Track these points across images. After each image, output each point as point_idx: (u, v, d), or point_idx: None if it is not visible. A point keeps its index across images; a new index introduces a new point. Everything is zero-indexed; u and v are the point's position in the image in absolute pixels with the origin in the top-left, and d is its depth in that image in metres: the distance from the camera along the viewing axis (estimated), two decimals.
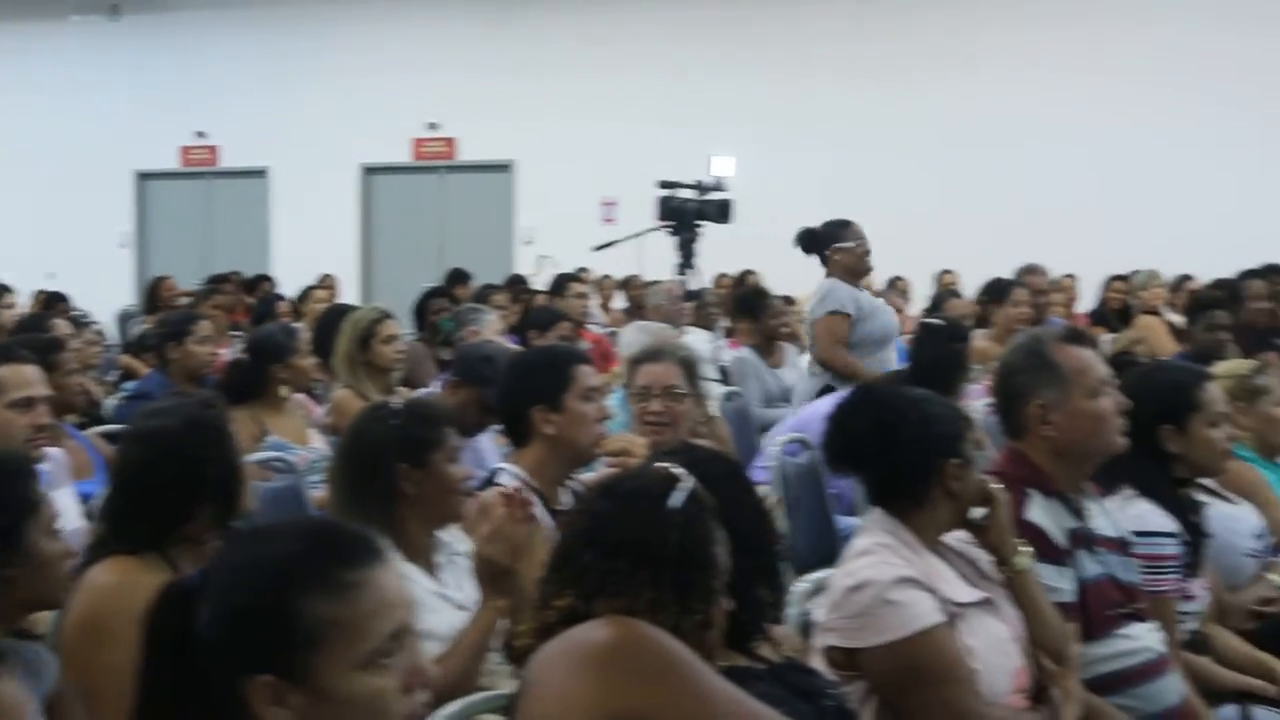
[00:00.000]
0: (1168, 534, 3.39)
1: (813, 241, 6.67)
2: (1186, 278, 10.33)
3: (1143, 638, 3.11)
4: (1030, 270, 9.41)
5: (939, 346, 5.19)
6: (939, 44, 13.63)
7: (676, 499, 2.22)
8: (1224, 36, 12.66)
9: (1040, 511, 3.05)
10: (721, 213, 7.16)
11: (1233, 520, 3.94)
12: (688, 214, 7.14)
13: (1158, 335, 8.88)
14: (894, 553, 2.70)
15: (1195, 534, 3.51)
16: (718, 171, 7.68)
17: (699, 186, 7.23)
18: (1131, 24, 12.98)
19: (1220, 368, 4.50)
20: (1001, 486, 2.89)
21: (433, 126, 15.58)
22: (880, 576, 2.63)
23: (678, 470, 2.29)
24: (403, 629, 1.79)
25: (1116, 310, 10.21)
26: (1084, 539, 3.09)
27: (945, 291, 9.92)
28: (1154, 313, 9.81)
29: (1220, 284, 8.37)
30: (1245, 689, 3.48)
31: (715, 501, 2.29)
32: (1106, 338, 8.80)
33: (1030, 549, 2.90)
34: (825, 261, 6.61)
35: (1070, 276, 10.85)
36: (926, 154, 13.45)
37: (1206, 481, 3.89)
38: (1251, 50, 12.56)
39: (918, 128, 13.49)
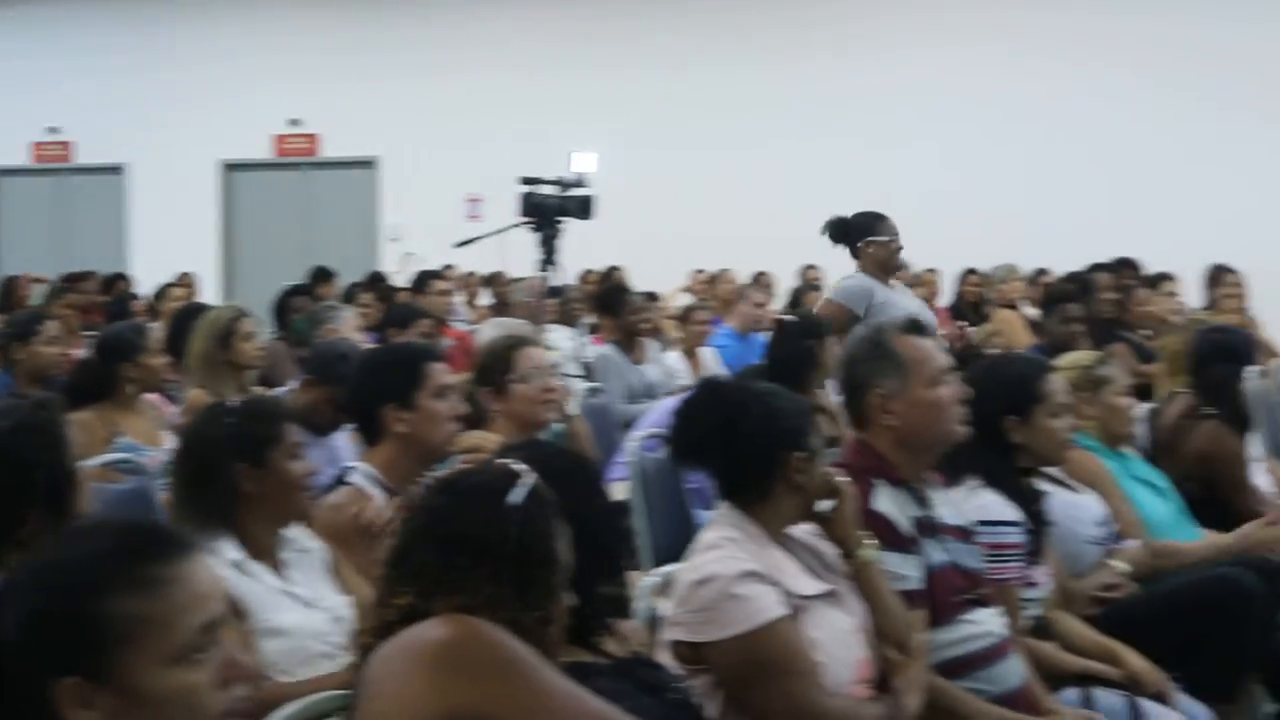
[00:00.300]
0: (1011, 523, 3.45)
1: (844, 232, 6.44)
2: (1043, 272, 10.54)
3: (986, 622, 3.17)
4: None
5: (792, 343, 5.24)
6: (802, 36, 13.75)
7: (517, 495, 2.21)
8: (1082, 26, 12.91)
9: (886, 501, 3.09)
10: (583, 209, 7.14)
11: (1076, 508, 4.04)
12: (549, 210, 7.12)
13: (1014, 328, 9.06)
14: (739, 547, 2.72)
15: (1038, 522, 3.58)
16: (579, 167, 7.69)
17: (560, 183, 7.21)
18: (1001, 12, 13.19)
19: (1064, 359, 4.60)
20: (848, 479, 2.92)
21: (294, 123, 15.40)
22: (725, 571, 2.65)
23: (518, 466, 2.28)
24: (214, 622, 1.76)
25: (972, 304, 10.39)
26: (929, 527, 3.14)
27: (805, 286, 10.01)
28: (1011, 306, 10.02)
29: (1072, 277, 8.56)
30: (1088, 672, 3.55)
31: (558, 497, 2.29)
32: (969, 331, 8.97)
33: (875, 541, 2.93)
34: (855, 254, 6.41)
35: (931, 271, 11.02)
36: (789, 148, 13.55)
37: (1052, 471, 3.98)
38: (1102, 41, 12.81)
39: (781, 121, 13.59)
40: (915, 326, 3.31)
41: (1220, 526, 4.62)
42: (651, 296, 9.74)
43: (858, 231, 6.39)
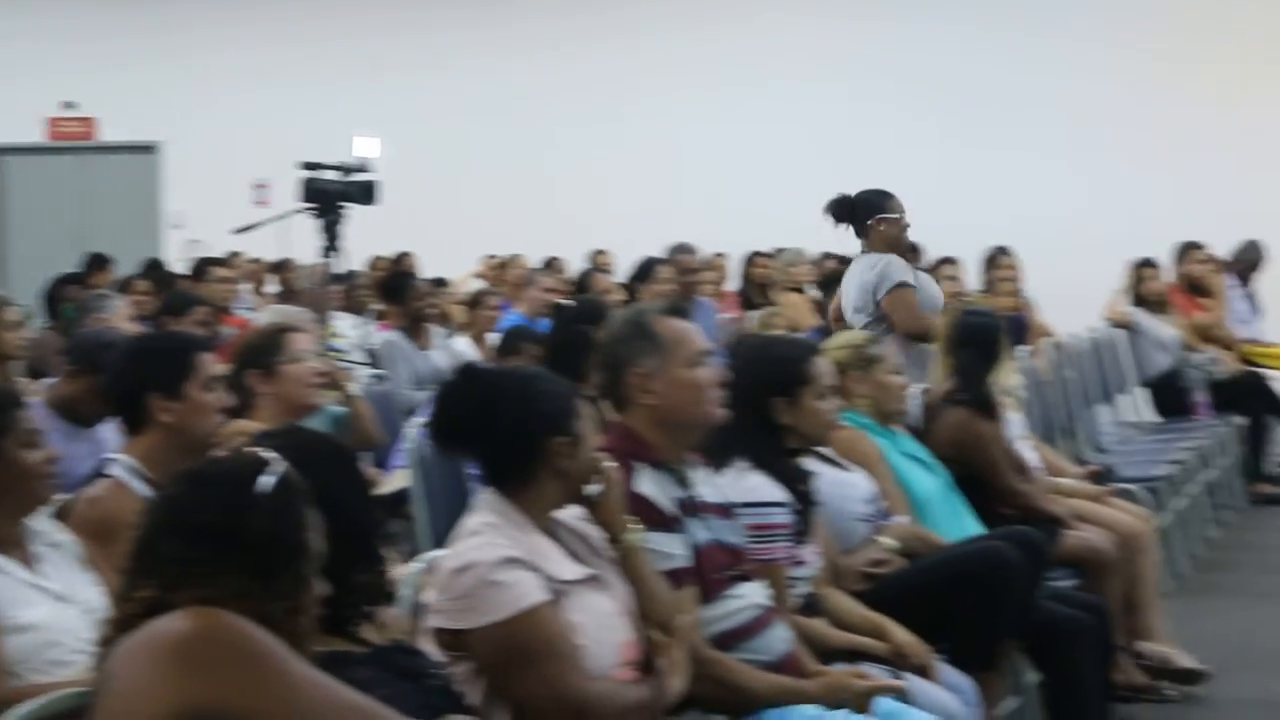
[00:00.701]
0: (777, 503, 3.51)
1: (850, 211, 6.24)
2: (830, 255, 10.71)
3: (750, 595, 3.24)
4: (679, 249, 9.64)
5: (568, 328, 5.25)
6: (583, 22, 13.73)
7: (264, 483, 2.16)
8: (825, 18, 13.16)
9: (648, 483, 3.12)
10: (366, 194, 7.04)
11: (846, 487, 4.13)
12: (331, 196, 7.00)
13: (800, 311, 9.21)
14: (500, 532, 2.71)
15: (806, 502, 3.65)
16: (361, 152, 7.56)
17: (342, 168, 7.10)
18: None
19: (835, 339, 4.71)
20: (614, 464, 2.93)
21: (69, 105, 14.89)
22: (484, 558, 2.64)
23: (267, 454, 2.23)
24: None
25: (759, 287, 10.52)
26: (692, 507, 3.17)
27: (594, 270, 10.04)
28: (799, 290, 10.18)
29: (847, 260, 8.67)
30: (856, 648, 3.63)
31: (312, 484, 2.25)
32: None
33: (641, 525, 2.95)
34: (861, 233, 6.24)
35: (721, 255, 11.13)
36: (577, 134, 13.56)
37: (822, 450, 4.06)
38: (850, 26, 13.04)
39: (567, 107, 13.60)
40: (675, 309, 3.35)
41: (988, 501, 4.79)
42: (439, 282, 9.69)
43: (865, 209, 6.22)
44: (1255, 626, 6.19)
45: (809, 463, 3.85)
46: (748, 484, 3.51)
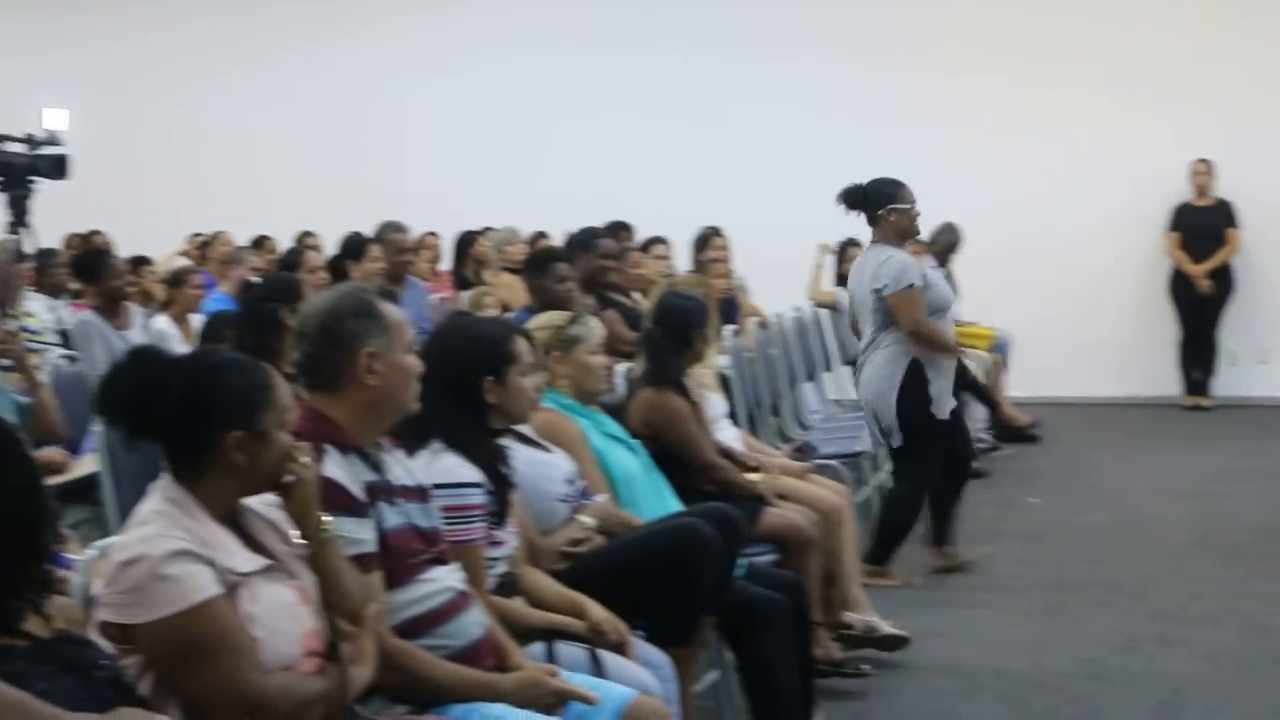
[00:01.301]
0: (473, 484, 3.48)
1: (863, 200, 6.46)
2: (542, 234, 10.71)
3: (444, 579, 3.19)
4: (391, 228, 9.48)
5: (256, 306, 5.11)
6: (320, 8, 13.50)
7: None
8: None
9: (337, 467, 3.04)
10: (57, 168, 6.78)
11: (546, 467, 4.12)
12: (18, 169, 6.71)
13: (513, 291, 9.17)
14: (172, 522, 2.60)
15: (502, 482, 3.63)
16: (50, 125, 7.26)
17: (30, 140, 6.80)
18: None
19: (537, 319, 4.69)
20: (308, 461, 2.82)
21: None
22: (153, 551, 2.53)
23: None
24: None
25: (475, 267, 10.45)
26: (383, 490, 3.11)
27: (300, 248, 9.82)
28: (515, 270, 10.14)
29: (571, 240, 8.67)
30: (553, 626, 3.63)
31: None
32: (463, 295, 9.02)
33: (331, 520, 2.87)
34: (873, 221, 6.44)
35: (433, 235, 11.02)
36: (296, 111, 13.30)
37: (522, 430, 4.05)
38: (601, 15, 13.11)
39: (264, 75, 13.33)
40: (388, 294, 3.30)
41: (685, 478, 4.86)
42: (141, 260, 9.33)
43: (878, 199, 6.43)
44: (948, 595, 6.43)
45: (507, 443, 3.83)
46: (442, 465, 3.47)
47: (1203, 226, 11.51)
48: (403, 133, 13.18)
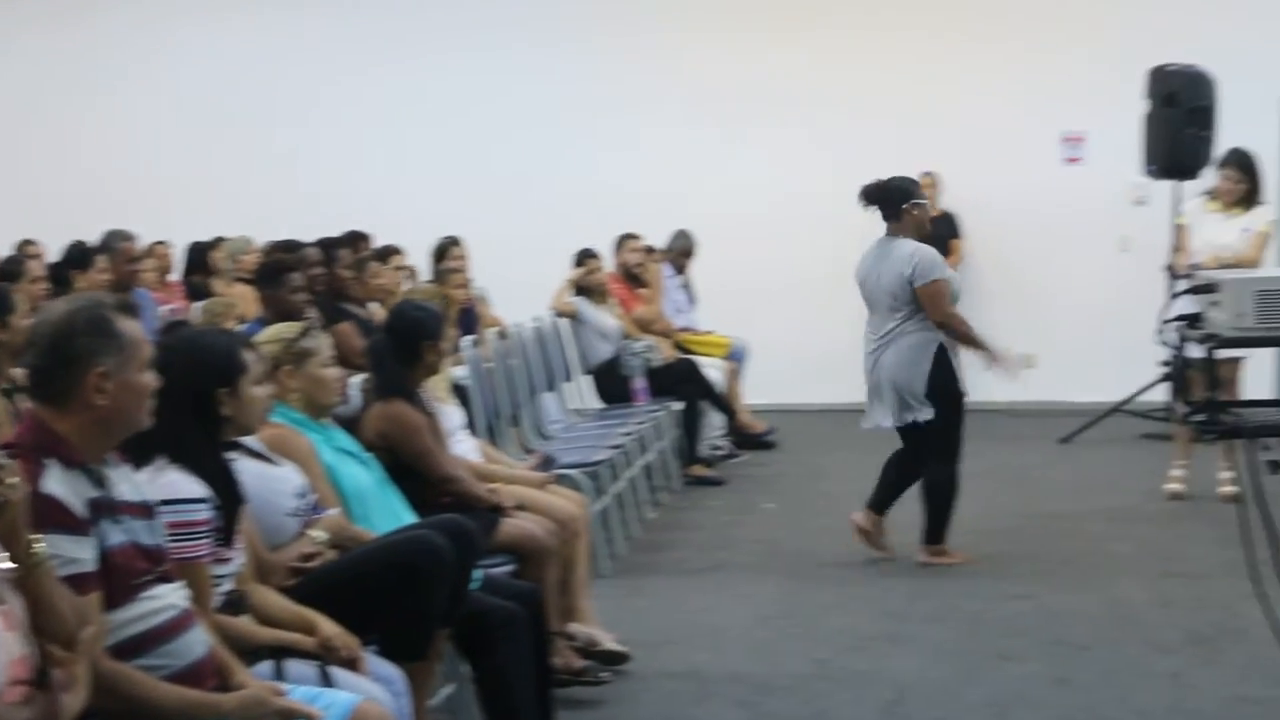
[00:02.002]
0: (199, 500, 3.39)
1: (885, 196, 7.00)
2: (278, 244, 10.50)
3: (167, 597, 3.11)
4: (118, 236, 9.18)
5: None
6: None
7: None
8: None
9: (58, 483, 2.93)
10: None
11: (275, 481, 4.04)
12: None
13: (245, 302, 8.97)
14: None
15: (229, 498, 3.54)
16: None
17: None
18: None
19: (268, 332, 4.60)
20: (16, 481, 2.69)
21: None
22: None
23: None
24: None
25: (205, 276, 10.21)
26: (107, 507, 3.01)
27: (19, 256, 9.43)
28: (249, 280, 9.91)
29: (287, 247, 8.52)
30: (281, 643, 3.56)
31: None
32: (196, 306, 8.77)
33: (45, 539, 2.74)
34: (893, 217, 7.02)
35: (163, 244, 10.69)
36: (56, 108, 12.84)
37: (251, 444, 3.96)
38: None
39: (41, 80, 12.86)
40: (128, 307, 3.17)
41: (420, 490, 4.82)
42: None
43: (900, 195, 7.02)
44: (687, 603, 6.52)
45: (235, 457, 3.75)
46: (166, 481, 3.37)
47: (930, 237, 11.90)
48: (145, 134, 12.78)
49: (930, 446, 7.10)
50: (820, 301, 12.23)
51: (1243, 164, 8.18)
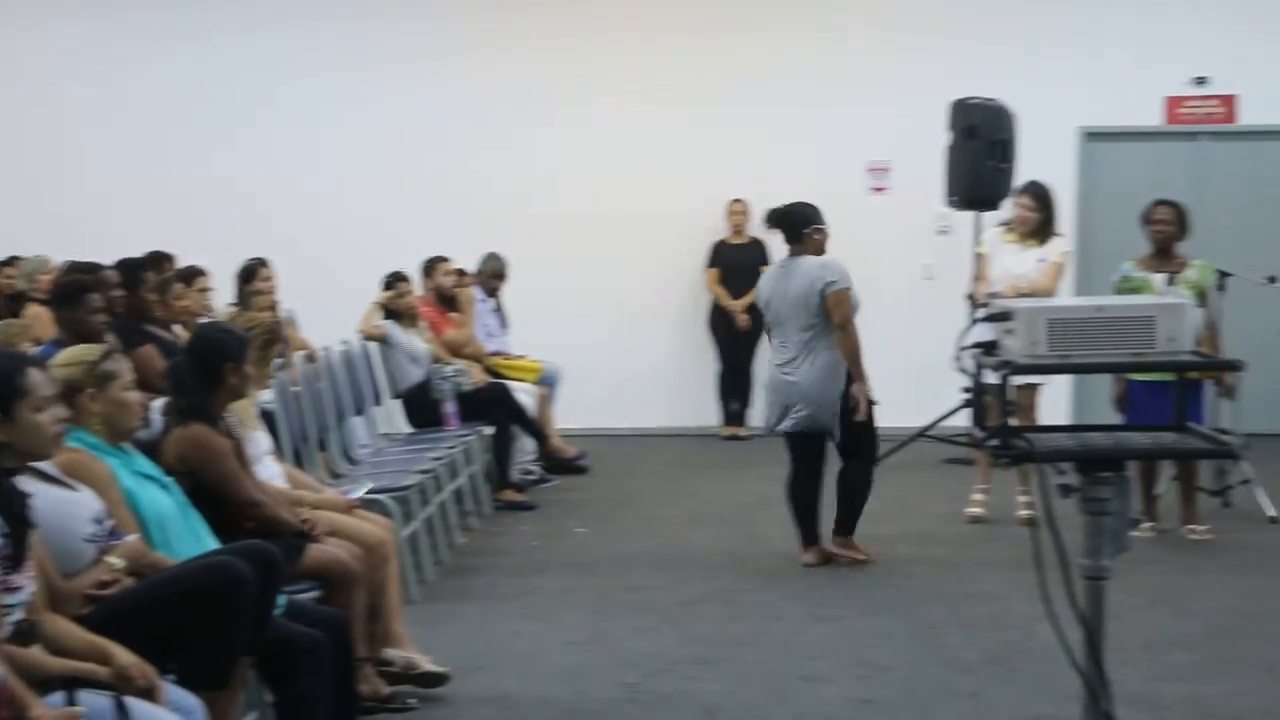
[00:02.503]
0: None
1: (788, 221, 7.60)
2: (76, 264, 10.21)
3: None
4: None
5: None
6: None
7: None
8: None
9: None
10: None
11: (71, 505, 3.92)
12: None
13: (41, 323, 8.70)
14: None
15: (19, 524, 3.42)
16: None
17: None
18: None
19: (67, 354, 4.46)
20: None
21: None
22: None
23: None
24: None
25: (10, 296, 9.88)
26: None
27: None
28: (43, 301, 9.62)
29: (83, 268, 8.28)
30: (76, 674, 3.45)
31: None
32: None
33: None
34: (795, 239, 7.56)
35: None
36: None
37: (45, 469, 3.84)
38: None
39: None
40: None
41: (224, 515, 4.72)
42: None
43: (802, 220, 7.59)
44: (496, 628, 6.48)
45: (28, 481, 3.63)
46: None
47: (739, 263, 12.08)
48: None
49: (854, 447, 7.57)
50: (633, 326, 12.34)
51: (1038, 195, 8.43)
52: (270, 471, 5.47)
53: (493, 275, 10.89)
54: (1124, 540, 3.42)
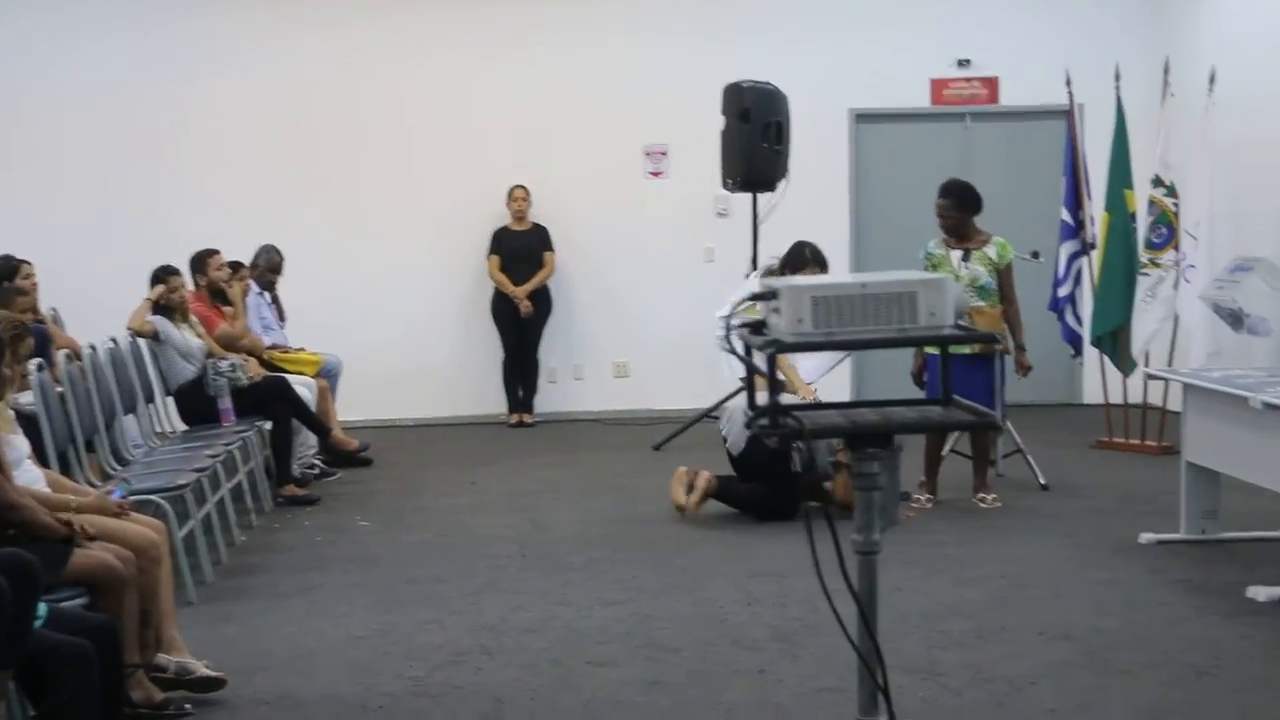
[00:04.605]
0: None
1: None
2: None
3: None
4: None
5: None
6: None
7: None
8: None
9: None
10: None
11: None
12: None
13: None
14: None
15: None
16: None
17: None
18: None
19: None
20: None
21: None
22: None
23: None
24: None
25: None
26: None
27: None
28: None
29: None
30: None
31: None
32: None
33: None
34: None
35: None
36: None
37: None
38: None
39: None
40: None
41: None
42: None
43: None
44: (278, 627, 6.33)
45: None
46: None
47: (521, 250, 12.04)
48: None
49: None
50: (415, 316, 12.21)
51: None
52: (31, 476, 5.25)
53: (268, 268, 10.65)
54: (894, 514, 3.46)
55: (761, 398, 3.36)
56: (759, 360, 3.35)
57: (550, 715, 5.17)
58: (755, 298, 3.33)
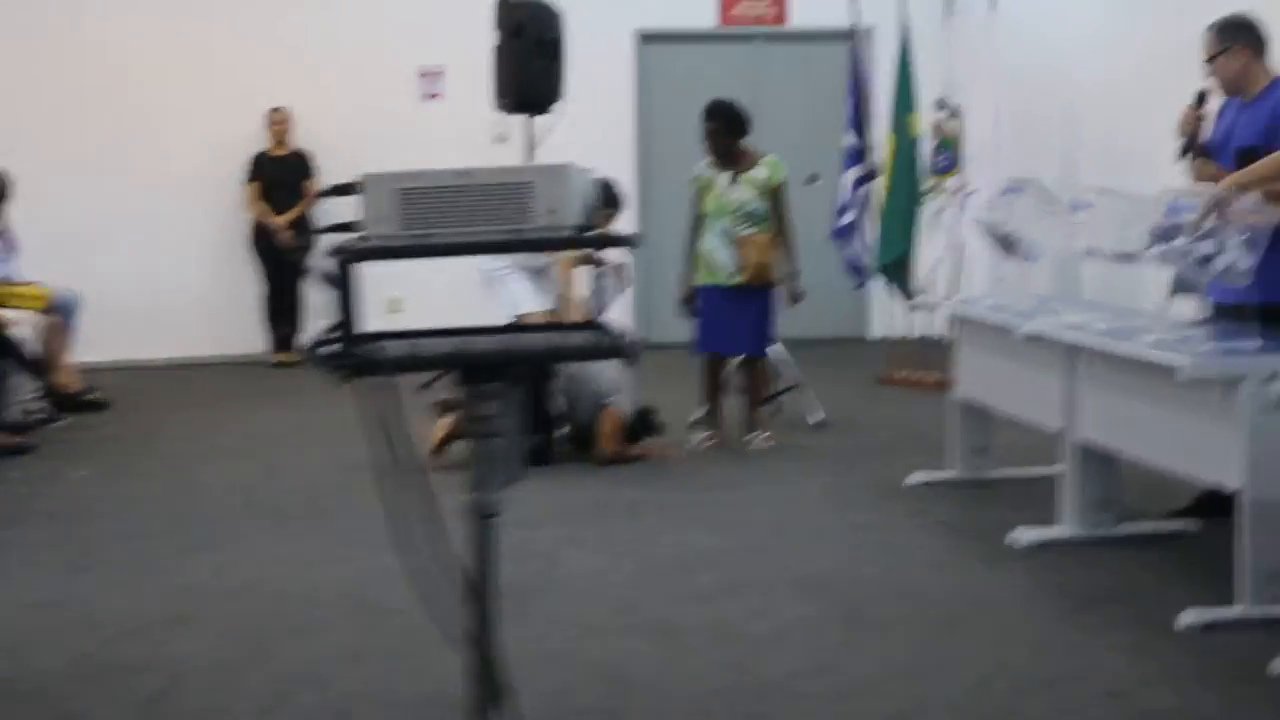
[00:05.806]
0: None
1: None
2: None
3: None
4: None
5: None
6: None
7: None
8: None
9: None
10: None
11: None
12: None
13: None
14: None
15: None
16: None
17: None
18: None
19: None
20: None
21: None
22: None
23: None
24: None
25: None
26: None
27: None
28: None
29: None
30: None
31: None
32: None
33: None
34: None
35: None
36: None
37: None
38: None
39: None
40: None
41: None
42: None
43: None
44: None
45: None
46: None
47: (281, 177, 11.28)
48: None
49: None
50: (166, 247, 11.41)
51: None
52: None
53: None
54: (517, 468, 2.90)
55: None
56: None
57: (228, 692, 4.54)
58: (336, 190, 2.76)
